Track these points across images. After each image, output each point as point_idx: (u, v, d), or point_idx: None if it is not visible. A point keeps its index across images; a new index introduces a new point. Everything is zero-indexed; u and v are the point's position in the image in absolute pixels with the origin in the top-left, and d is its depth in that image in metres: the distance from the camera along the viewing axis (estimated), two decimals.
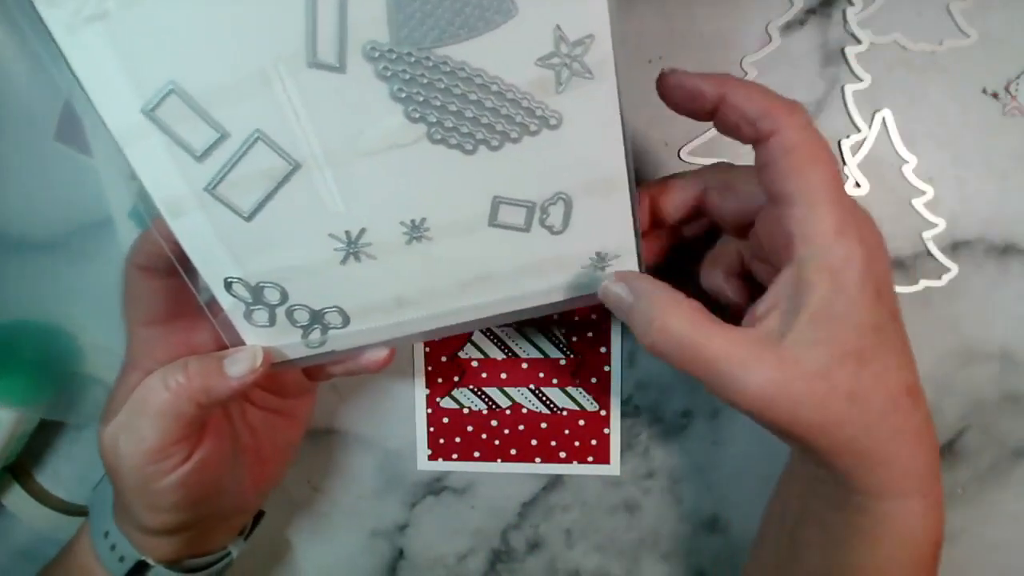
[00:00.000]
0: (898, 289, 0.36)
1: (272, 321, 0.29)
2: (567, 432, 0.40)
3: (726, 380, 0.24)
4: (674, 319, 0.25)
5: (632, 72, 0.35)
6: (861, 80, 0.35)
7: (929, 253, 0.36)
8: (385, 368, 0.31)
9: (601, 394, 0.39)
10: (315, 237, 0.27)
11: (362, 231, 0.27)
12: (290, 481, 0.41)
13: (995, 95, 0.35)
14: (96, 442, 0.29)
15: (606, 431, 0.39)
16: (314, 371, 0.33)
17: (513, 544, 0.42)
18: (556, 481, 0.40)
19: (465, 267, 0.28)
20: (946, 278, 0.36)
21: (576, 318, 0.38)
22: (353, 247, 0.27)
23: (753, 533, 0.35)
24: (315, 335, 0.29)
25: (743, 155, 0.36)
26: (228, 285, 0.28)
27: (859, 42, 0.34)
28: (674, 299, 0.26)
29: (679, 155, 0.36)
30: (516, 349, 0.39)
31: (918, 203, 0.36)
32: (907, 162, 0.35)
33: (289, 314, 0.29)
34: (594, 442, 0.40)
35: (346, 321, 0.29)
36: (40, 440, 0.40)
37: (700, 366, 0.24)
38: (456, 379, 0.39)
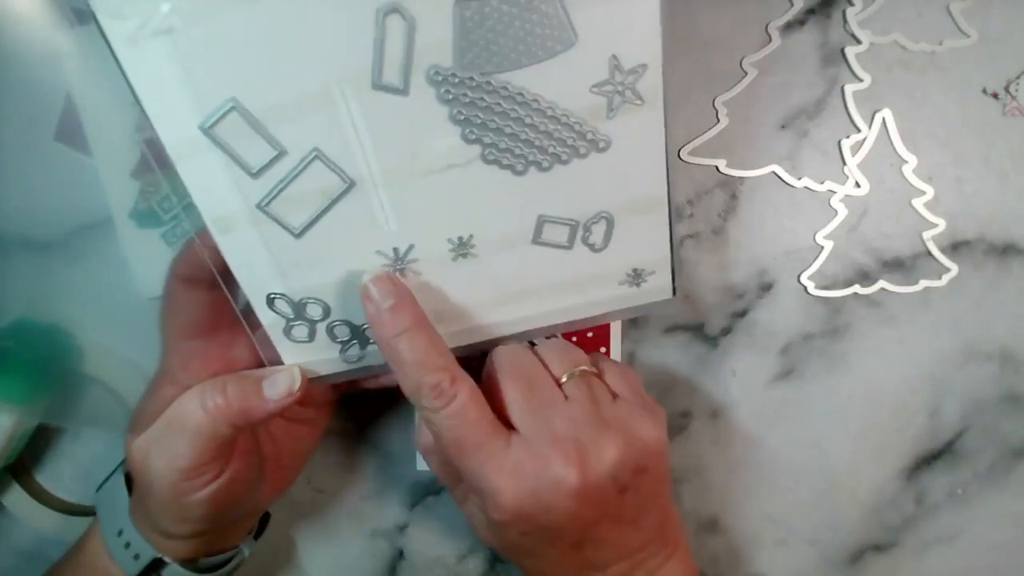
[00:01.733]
0: (898, 289, 0.36)
1: (312, 337, 0.29)
2: None
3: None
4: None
5: None
6: (861, 80, 0.35)
7: (929, 253, 0.36)
8: None
9: None
10: (363, 254, 0.27)
11: (410, 247, 0.27)
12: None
13: (995, 95, 0.35)
14: (94, 442, 0.29)
15: None
16: (343, 385, 0.32)
17: None
18: None
19: (506, 283, 0.29)
20: (946, 278, 0.36)
21: None
22: (400, 263, 0.27)
23: (753, 533, 0.35)
24: (353, 350, 0.30)
25: (742, 154, 0.36)
26: (271, 301, 0.28)
27: (859, 42, 0.34)
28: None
29: (679, 155, 0.36)
30: None
31: (918, 203, 0.36)
32: (907, 162, 0.35)
33: (330, 330, 0.29)
34: None
35: None
36: (40, 440, 0.40)
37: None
38: None
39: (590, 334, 0.38)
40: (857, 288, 0.37)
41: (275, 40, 0.23)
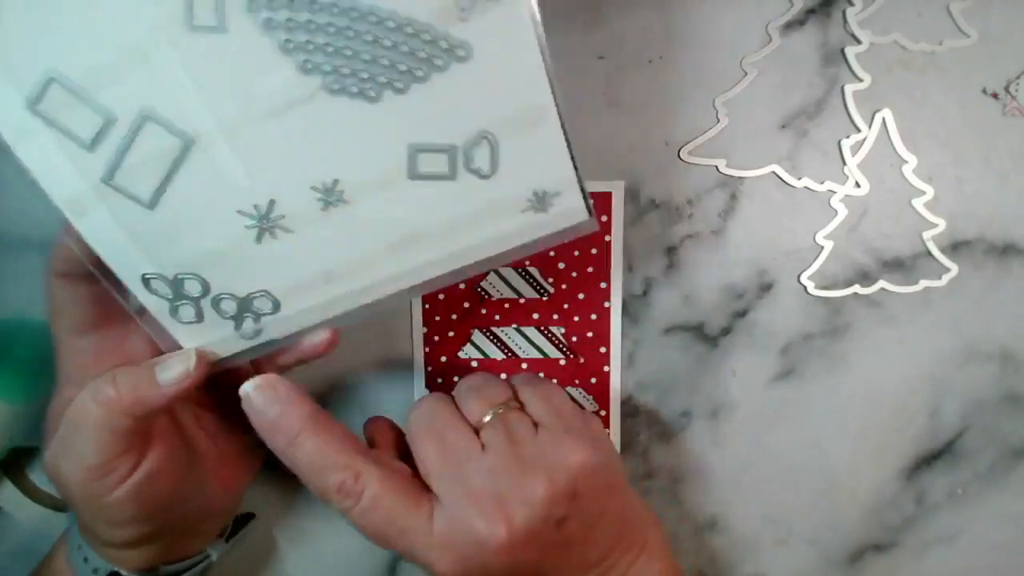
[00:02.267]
0: (898, 289, 0.36)
1: (200, 316, 0.27)
2: None
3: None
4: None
5: (632, 72, 0.35)
6: (861, 80, 0.35)
7: (929, 253, 0.36)
8: (331, 350, 0.29)
9: (601, 394, 0.39)
10: (224, 217, 0.25)
11: (272, 203, 0.25)
12: (289, 482, 0.41)
13: (995, 95, 0.35)
14: None
15: (606, 431, 0.39)
16: (261, 365, 0.31)
17: None
18: None
19: (391, 228, 0.26)
20: (946, 278, 0.36)
21: (576, 318, 0.38)
22: (265, 222, 0.25)
23: (753, 533, 0.35)
24: (248, 325, 0.27)
25: (742, 154, 0.36)
26: (147, 283, 0.26)
27: (859, 42, 0.34)
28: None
29: (679, 155, 0.36)
30: (516, 349, 0.39)
31: (918, 203, 0.36)
32: (907, 162, 0.35)
33: (215, 305, 0.27)
34: None
35: (276, 305, 0.27)
36: (33, 436, 0.40)
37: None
38: (456, 379, 0.39)
39: (590, 334, 0.38)
40: (857, 288, 0.37)
41: None
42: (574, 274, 0.38)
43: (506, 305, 0.38)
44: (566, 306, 0.38)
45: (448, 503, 0.27)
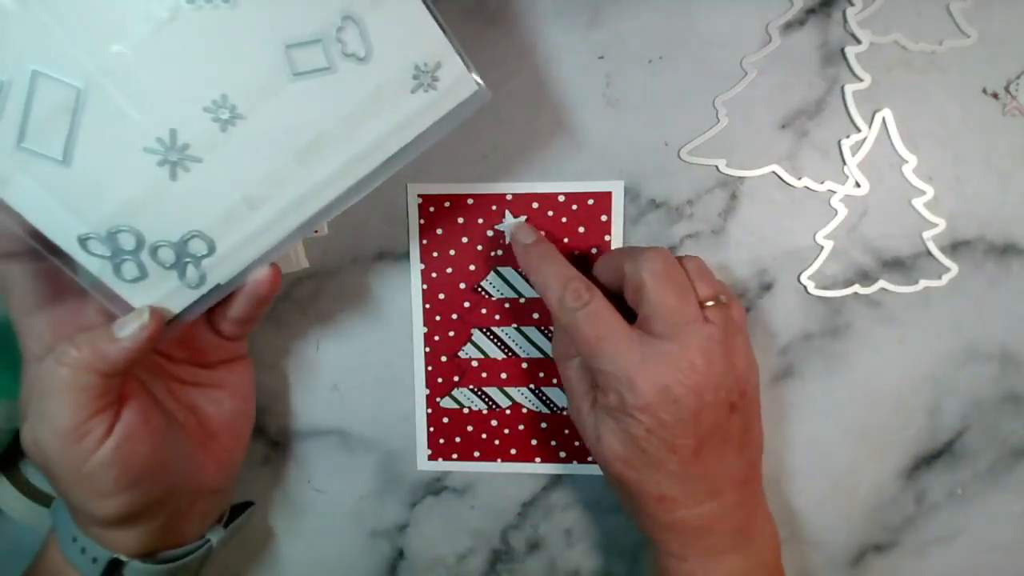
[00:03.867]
0: (898, 289, 0.36)
1: (143, 271, 0.27)
2: (567, 432, 0.40)
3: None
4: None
5: (633, 72, 0.36)
6: (861, 80, 0.35)
7: (929, 253, 0.36)
8: (277, 288, 0.29)
9: None
10: (133, 158, 0.25)
11: (173, 133, 0.25)
12: (290, 481, 0.41)
13: (995, 95, 0.35)
14: None
15: None
16: (219, 324, 0.31)
17: (513, 544, 0.42)
18: (556, 481, 0.40)
19: (292, 136, 0.26)
20: (946, 278, 0.36)
21: None
22: (173, 154, 0.25)
23: None
24: (191, 272, 0.28)
25: (742, 154, 0.36)
26: (83, 244, 0.26)
27: (859, 42, 0.34)
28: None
29: (679, 155, 0.36)
30: (516, 349, 0.39)
31: (918, 203, 0.36)
32: (907, 162, 0.35)
33: (154, 255, 0.27)
34: None
35: (211, 245, 0.27)
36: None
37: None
38: (456, 379, 0.39)
39: None
40: (857, 288, 0.37)
41: None
42: None
43: (506, 305, 0.38)
44: None
45: (669, 340, 0.30)
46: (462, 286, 0.38)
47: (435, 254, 0.38)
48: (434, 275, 0.38)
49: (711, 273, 0.32)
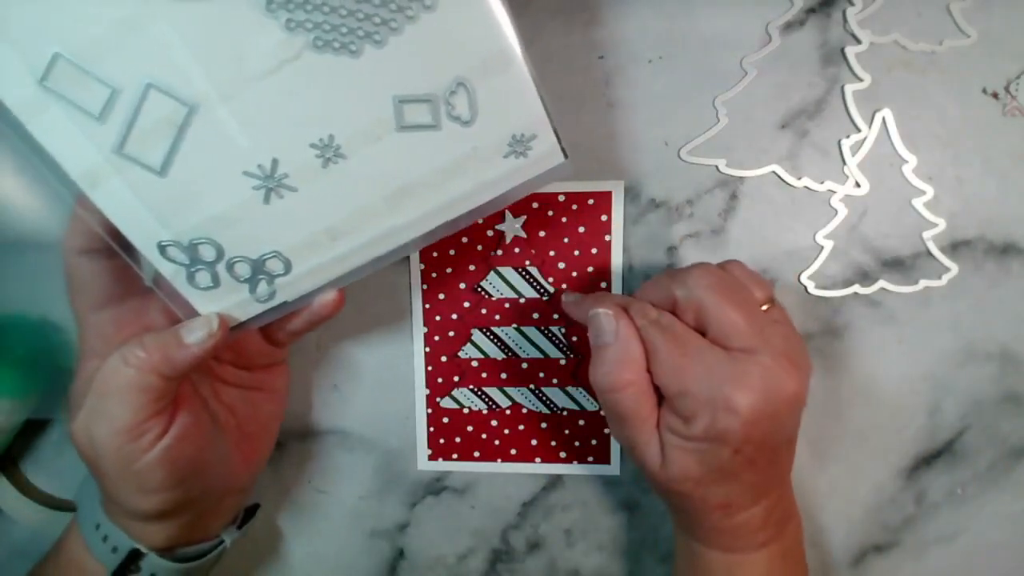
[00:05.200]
0: (898, 289, 0.36)
1: (216, 281, 0.28)
2: (567, 432, 0.40)
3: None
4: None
5: (633, 72, 0.36)
6: (861, 80, 0.35)
7: (929, 253, 0.36)
8: (338, 311, 0.30)
9: None
10: (231, 179, 0.26)
11: (275, 162, 0.26)
12: (290, 481, 0.41)
13: (995, 95, 0.35)
14: None
15: (606, 431, 0.39)
16: (273, 333, 0.32)
17: (513, 544, 0.42)
18: (556, 481, 0.40)
19: (386, 180, 0.27)
20: (946, 278, 0.36)
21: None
22: (271, 181, 0.26)
23: None
24: (262, 287, 0.29)
25: (742, 154, 0.36)
26: (163, 250, 0.27)
27: (859, 42, 0.34)
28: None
29: (679, 155, 0.36)
30: (516, 349, 0.39)
31: (918, 203, 0.36)
32: (907, 162, 0.35)
33: (230, 269, 0.28)
34: (594, 442, 0.40)
35: (288, 266, 0.28)
36: (29, 434, 0.40)
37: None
38: (456, 379, 0.39)
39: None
40: (857, 288, 0.37)
41: None
42: (574, 274, 0.38)
43: (506, 305, 0.38)
44: None
45: (753, 353, 0.28)
46: (462, 286, 0.38)
47: (435, 254, 0.38)
48: (434, 275, 0.38)
49: (757, 272, 0.32)
